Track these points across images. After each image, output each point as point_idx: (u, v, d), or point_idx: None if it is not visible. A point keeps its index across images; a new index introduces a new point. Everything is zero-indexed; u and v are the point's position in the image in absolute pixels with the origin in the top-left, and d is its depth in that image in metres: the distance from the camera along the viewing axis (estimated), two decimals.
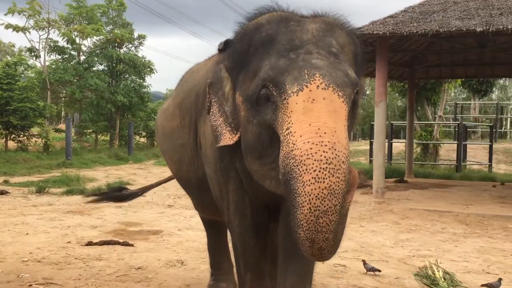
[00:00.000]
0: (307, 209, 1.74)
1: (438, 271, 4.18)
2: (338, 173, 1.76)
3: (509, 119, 28.54)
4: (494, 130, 18.15)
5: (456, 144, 14.62)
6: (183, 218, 6.76)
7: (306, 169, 1.76)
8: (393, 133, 15.70)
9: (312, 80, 1.89)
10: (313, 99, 1.87)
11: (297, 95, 1.89)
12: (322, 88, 1.88)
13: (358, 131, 32.30)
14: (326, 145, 1.77)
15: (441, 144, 16.14)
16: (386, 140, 12.01)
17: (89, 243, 5.10)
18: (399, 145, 17.65)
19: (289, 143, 1.84)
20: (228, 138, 2.28)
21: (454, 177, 12.11)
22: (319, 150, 1.77)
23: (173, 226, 6.18)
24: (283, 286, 2.57)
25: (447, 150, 17.60)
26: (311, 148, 1.77)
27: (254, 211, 2.61)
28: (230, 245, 3.17)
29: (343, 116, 1.90)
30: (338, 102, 1.89)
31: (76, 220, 6.44)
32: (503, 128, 27.00)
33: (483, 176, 12.26)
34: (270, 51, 2.08)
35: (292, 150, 1.82)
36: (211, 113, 2.40)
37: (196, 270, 4.32)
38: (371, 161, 12.55)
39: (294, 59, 1.99)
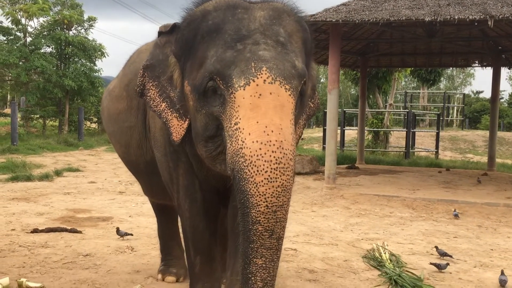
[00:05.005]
0: (264, 207, 1.79)
1: (385, 253, 4.33)
2: (288, 171, 1.82)
3: (455, 107, 29.66)
4: (441, 118, 18.81)
5: (405, 132, 15.07)
6: (134, 204, 6.65)
7: (258, 171, 1.79)
8: (345, 120, 15.97)
9: (259, 74, 1.88)
10: (260, 94, 1.87)
11: (244, 89, 1.88)
12: (268, 82, 1.88)
13: (313, 118, 32.70)
14: (274, 145, 1.80)
15: (391, 132, 16.59)
16: (339, 127, 12.22)
17: (35, 230, 4.93)
18: (351, 132, 17.99)
19: (238, 139, 1.85)
20: (176, 125, 2.27)
21: (402, 164, 12.50)
22: (268, 151, 1.79)
23: (124, 213, 6.07)
24: (232, 269, 2.58)
25: (397, 137, 18.12)
26: (260, 149, 1.80)
27: (204, 195, 2.60)
28: (180, 229, 3.14)
29: (289, 110, 1.91)
30: (284, 96, 1.89)
31: (21, 207, 6.21)
32: (449, 117, 28.03)
33: (430, 162, 12.72)
34: (216, 40, 2.04)
35: (242, 148, 1.83)
36: (148, 97, 2.37)
37: (147, 256, 4.26)
38: (324, 148, 12.73)
39: (241, 51, 1.96)
